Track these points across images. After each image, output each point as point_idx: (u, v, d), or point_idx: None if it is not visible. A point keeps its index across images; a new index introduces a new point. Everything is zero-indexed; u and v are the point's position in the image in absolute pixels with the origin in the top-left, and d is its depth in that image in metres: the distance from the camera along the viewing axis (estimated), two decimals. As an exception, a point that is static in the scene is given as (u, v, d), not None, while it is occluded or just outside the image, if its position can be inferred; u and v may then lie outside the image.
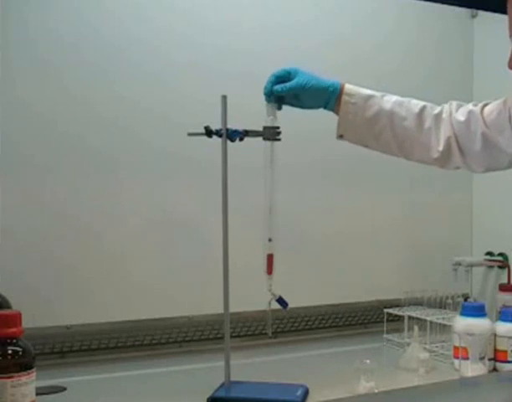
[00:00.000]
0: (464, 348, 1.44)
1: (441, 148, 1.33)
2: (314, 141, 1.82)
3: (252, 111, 1.36)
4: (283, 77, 1.33)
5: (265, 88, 1.33)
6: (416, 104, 1.35)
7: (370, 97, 1.34)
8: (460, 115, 1.33)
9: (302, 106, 1.35)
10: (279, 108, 1.34)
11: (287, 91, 1.32)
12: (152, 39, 1.65)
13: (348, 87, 1.34)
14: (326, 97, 1.34)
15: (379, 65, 1.94)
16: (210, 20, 1.71)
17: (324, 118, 1.83)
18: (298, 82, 1.31)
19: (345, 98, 1.33)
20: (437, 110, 1.35)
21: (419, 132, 1.33)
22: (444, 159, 1.34)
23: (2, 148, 1.49)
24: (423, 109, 1.34)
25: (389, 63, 1.97)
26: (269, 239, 1.33)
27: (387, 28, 1.97)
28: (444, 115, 1.34)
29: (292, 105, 1.36)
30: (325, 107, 1.36)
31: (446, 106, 1.36)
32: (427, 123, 1.34)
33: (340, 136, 1.37)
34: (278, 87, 1.32)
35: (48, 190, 1.54)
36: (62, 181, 1.56)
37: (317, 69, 1.80)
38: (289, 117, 1.36)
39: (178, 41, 1.68)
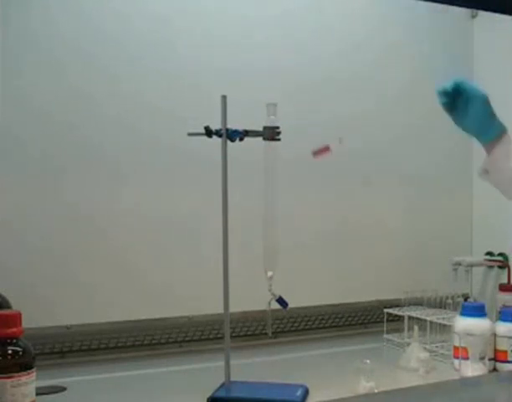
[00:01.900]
0: (464, 348, 1.44)
1: None
2: (313, 140, 1.81)
3: (252, 111, 1.36)
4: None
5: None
6: None
7: None
8: None
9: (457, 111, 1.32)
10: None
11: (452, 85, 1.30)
12: (154, 37, 1.65)
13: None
14: (486, 127, 1.32)
15: (376, 65, 1.94)
16: (211, 19, 1.71)
17: (324, 116, 1.84)
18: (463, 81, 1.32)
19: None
20: None
21: None
22: None
23: (2, 145, 1.49)
24: None
25: (389, 63, 1.97)
26: None
27: (387, 28, 1.97)
28: None
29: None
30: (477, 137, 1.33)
31: None
32: None
33: (485, 172, 1.34)
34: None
35: (49, 190, 1.54)
36: (62, 181, 1.56)
37: (319, 70, 1.83)
38: (290, 115, 1.36)
39: (178, 40, 1.68)
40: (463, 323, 1.52)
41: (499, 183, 1.37)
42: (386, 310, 1.80)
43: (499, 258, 2.00)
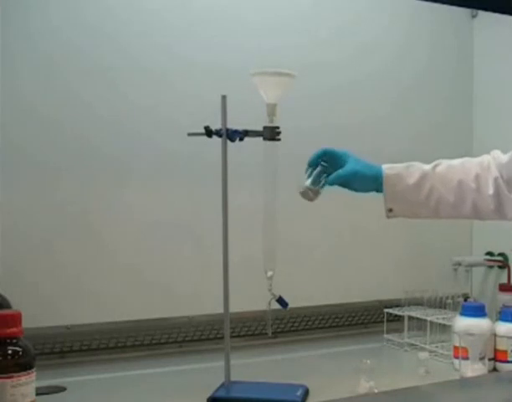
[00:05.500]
0: (464, 348, 1.44)
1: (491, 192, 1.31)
2: (312, 139, 1.81)
3: (252, 111, 1.36)
4: (330, 156, 1.33)
5: (311, 158, 1.34)
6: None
7: (409, 165, 1.36)
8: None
9: (350, 189, 1.35)
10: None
11: (339, 181, 1.32)
12: (153, 37, 1.65)
13: (386, 165, 1.36)
14: (378, 184, 1.35)
15: (378, 66, 1.94)
16: (211, 18, 1.71)
17: (321, 117, 1.84)
18: (348, 171, 1.32)
19: (386, 172, 1.34)
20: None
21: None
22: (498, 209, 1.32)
23: (3, 147, 1.49)
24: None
25: (388, 63, 1.97)
26: None
27: (385, 28, 1.97)
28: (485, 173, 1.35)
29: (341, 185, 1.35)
30: (376, 191, 1.36)
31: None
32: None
33: (390, 211, 1.37)
34: (332, 178, 1.32)
35: (49, 190, 1.54)
36: (62, 181, 1.56)
37: (317, 68, 1.82)
38: (289, 116, 1.36)
39: (177, 39, 1.68)
40: (463, 323, 1.52)
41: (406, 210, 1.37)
42: (386, 310, 1.80)
43: (499, 258, 2.00)
